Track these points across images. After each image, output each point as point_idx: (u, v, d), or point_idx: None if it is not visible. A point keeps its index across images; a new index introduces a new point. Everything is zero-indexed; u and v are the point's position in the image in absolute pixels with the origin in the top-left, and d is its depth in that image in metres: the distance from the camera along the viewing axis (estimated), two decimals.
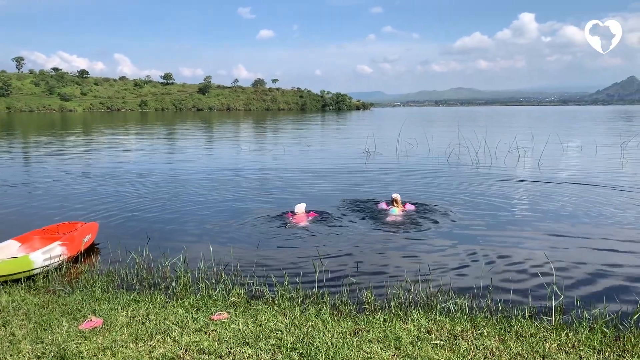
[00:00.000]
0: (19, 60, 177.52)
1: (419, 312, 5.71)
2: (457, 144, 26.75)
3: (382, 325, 5.30)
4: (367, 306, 6.02)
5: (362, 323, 5.37)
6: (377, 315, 5.62)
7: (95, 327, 5.11)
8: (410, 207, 11.73)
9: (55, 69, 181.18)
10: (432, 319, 5.50)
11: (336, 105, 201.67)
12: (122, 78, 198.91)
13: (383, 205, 11.77)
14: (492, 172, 18.09)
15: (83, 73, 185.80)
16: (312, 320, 5.42)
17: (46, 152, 27.66)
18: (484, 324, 5.37)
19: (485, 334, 5.10)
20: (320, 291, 6.47)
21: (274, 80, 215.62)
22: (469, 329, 5.21)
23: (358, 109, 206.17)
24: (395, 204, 11.41)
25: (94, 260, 8.23)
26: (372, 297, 6.19)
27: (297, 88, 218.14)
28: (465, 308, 5.90)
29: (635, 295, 6.65)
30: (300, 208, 11.13)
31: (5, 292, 6.32)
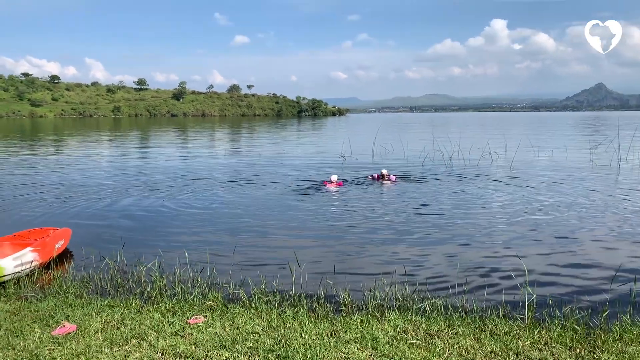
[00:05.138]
0: None
1: (396, 313, 5.77)
2: (432, 149, 27.09)
3: (359, 326, 5.34)
4: (344, 307, 6.05)
5: (340, 324, 5.40)
6: (354, 316, 5.66)
7: (69, 333, 5.02)
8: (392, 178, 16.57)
9: (26, 74, 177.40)
10: (408, 319, 5.56)
11: (312, 111, 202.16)
12: (95, 83, 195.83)
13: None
14: (466, 175, 18.36)
15: (54, 78, 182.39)
16: (289, 323, 5.42)
17: (15, 159, 27.03)
18: (459, 323, 5.45)
19: (461, 332, 5.18)
20: (298, 293, 6.48)
21: (250, 86, 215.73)
22: (445, 329, 5.29)
23: (334, 114, 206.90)
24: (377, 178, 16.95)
25: (67, 266, 8.09)
26: (349, 299, 6.23)
27: (273, 94, 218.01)
28: (440, 308, 5.98)
29: (605, 293, 6.83)
30: (334, 178, 15.81)
31: None
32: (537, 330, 5.24)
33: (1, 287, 6.76)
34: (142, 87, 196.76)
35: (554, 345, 4.90)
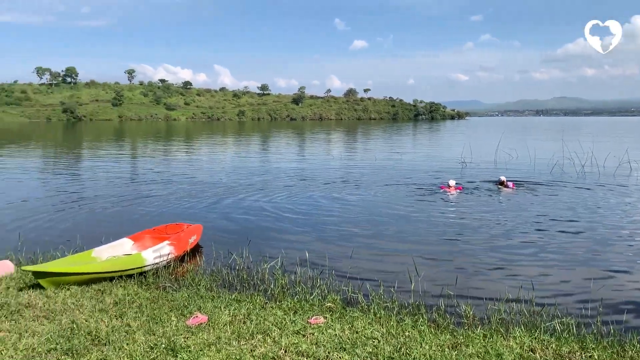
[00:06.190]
0: (130, 73, 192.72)
1: (522, 330, 5.45)
2: (561, 155, 25.24)
3: (482, 341, 5.12)
4: (465, 320, 5.84)
5: (461, 337, 5.21)
6: (477, 330, 5.44)
7: (201, 324, 5.38)
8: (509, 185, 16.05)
9: (162, 81, 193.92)
10: (535, 338, 5.23)
11: (429, 114, 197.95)
12: (222, 89, 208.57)
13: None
14: (601, 186, 16.87)
15: (187, 84, 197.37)
16: (408, 331, 5.35)
17: (152, 157, 29.67)
18: (593, 346, 5.02)
19: (596, 357, 4.77)
20: (417, 302, 6.38)
21: (366, 90, 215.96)
22: (577, 351, 4.90)
23: (452, 118, 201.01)
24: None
25: (198, 260, 8.72)
26: (471, 311, 6.00)
27: (389, 97, 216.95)
28: (572, 328, 5.55)
29: None
30: (452, 182, 15.45)
31: (121, 286, 6.84)
32: None
33: (142, 276, 7.42)
34: (265, 92, 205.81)
35: None
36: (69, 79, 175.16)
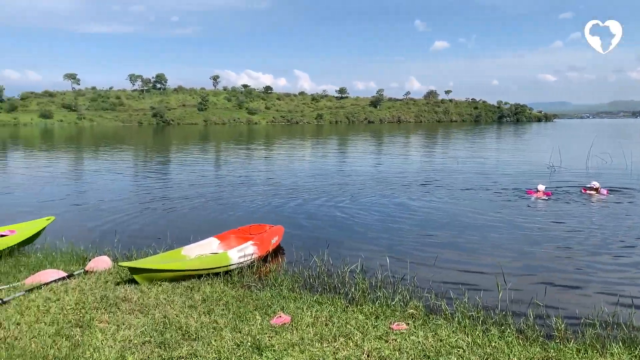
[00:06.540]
0: (215, 79, 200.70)
1: (620, 347, 5.09)
2: None
3: (576, 356, 4.85)
4: (557, 333, 5.55)
5: (552, 351, 4.96)
6: (569, 344, 5.15)
7: (284, 324, 5.49)
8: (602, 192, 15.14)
9: (245, 86, 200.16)
10: (636, 356, 4.87)
11: (514, 116, 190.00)
12: (301, 93, 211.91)
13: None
14: None
15: (268, 89, 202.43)
16: (495, 342, 5.16)
17: (234, 160, 30.69)
18: None
19: None
20: (503, 312, 6.14)
21: (447, 92, 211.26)
22: None
23: (539, 120, 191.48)
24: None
25: (280, 260, 8.91)
26: (562, 324, 5.69)
27: (472, 99, 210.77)
28: None
29: None
30: (541, 187, 15.13)
31: (208, 283, 7.12)
32: None
33: (228, 275, 7.68)
34: (343, 95, 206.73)
35: None
36: (158, 85, 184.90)
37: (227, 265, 7.76)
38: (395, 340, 5.10)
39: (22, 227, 9.48)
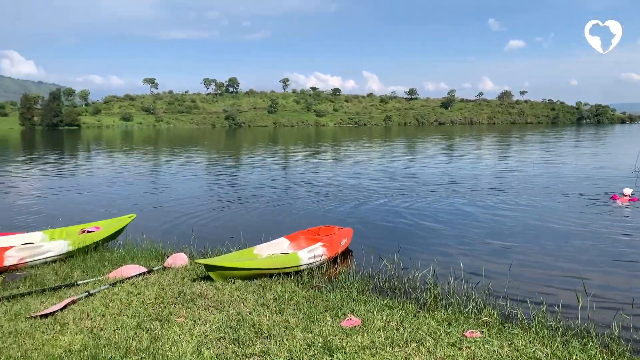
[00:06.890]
0: (284, 82, 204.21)
1: None
2: None
3: None
4: None
5: None
6: None
7: (355, 326, 5.47)
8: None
9: (313, 88, 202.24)
10: None
11: (595, 118, 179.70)
12: (370, 95, 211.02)
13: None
14: None
15: (336, 91, 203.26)
16: (576, 354, 4.89)
17: (303, 161, 31.06)
18: None
19: None
20: (585, 324, 5.82)
21: (522, 92, 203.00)
22: None
23: (623, 122, 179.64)
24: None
25: (349, 263, 8.90)
26: None
27: (549, 100, 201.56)
28: None
29: None
30: (627, 191, 14.40)
31: (279, 283, 7.24)
32: None
33: (298, 275, 7.77)
34: (412, 96, 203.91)
35: None
36: (231, 89, 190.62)
37: (297, 266, 7.86)
38: (469, 348, 4.95)
39: (106, 224, 10.06)
